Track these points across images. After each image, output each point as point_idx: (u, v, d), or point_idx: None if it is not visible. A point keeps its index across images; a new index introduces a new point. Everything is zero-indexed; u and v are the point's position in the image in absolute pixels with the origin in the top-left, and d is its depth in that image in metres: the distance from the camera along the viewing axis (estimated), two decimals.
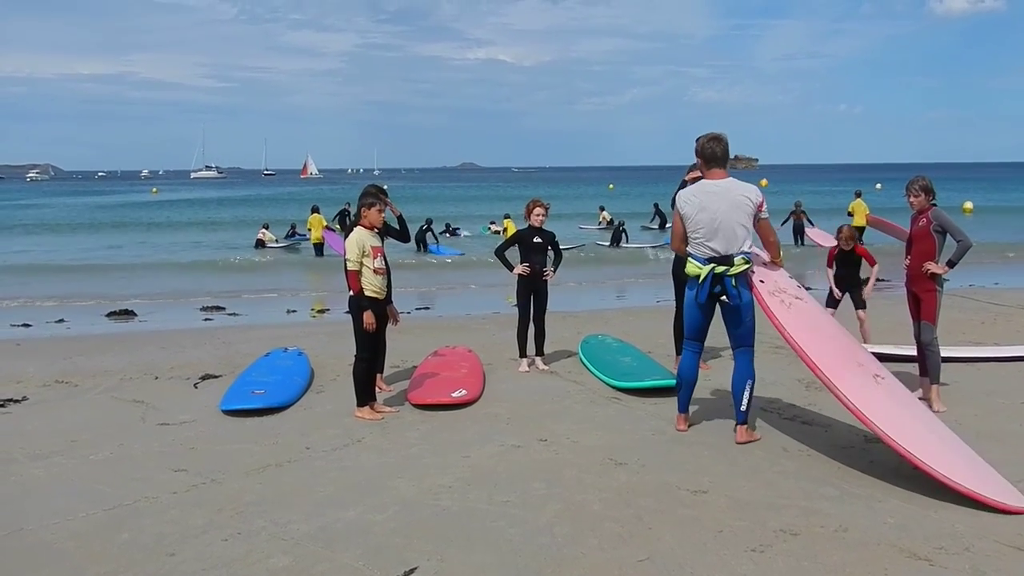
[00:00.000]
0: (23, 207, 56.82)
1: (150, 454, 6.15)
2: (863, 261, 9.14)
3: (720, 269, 5.93)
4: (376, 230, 7.09)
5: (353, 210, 25.96)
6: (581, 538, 4.56)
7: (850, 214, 25.17)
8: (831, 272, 9.20)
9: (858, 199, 24.78)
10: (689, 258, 6.08)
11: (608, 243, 27.11)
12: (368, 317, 6.84)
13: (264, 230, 28.63)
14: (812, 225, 25.80)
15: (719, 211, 5.91)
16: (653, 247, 26.44)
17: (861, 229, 24.57)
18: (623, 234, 27.32)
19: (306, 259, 24.19)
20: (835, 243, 9.30)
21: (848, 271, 9.16)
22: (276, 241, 27.80)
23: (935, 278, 7.11)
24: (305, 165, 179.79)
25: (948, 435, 5.49)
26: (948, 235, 7.12)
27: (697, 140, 6.27)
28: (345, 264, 6.91)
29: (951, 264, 7.09)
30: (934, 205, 7.21)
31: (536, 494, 5.20)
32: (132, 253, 26.68)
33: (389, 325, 7.38)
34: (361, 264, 6.85)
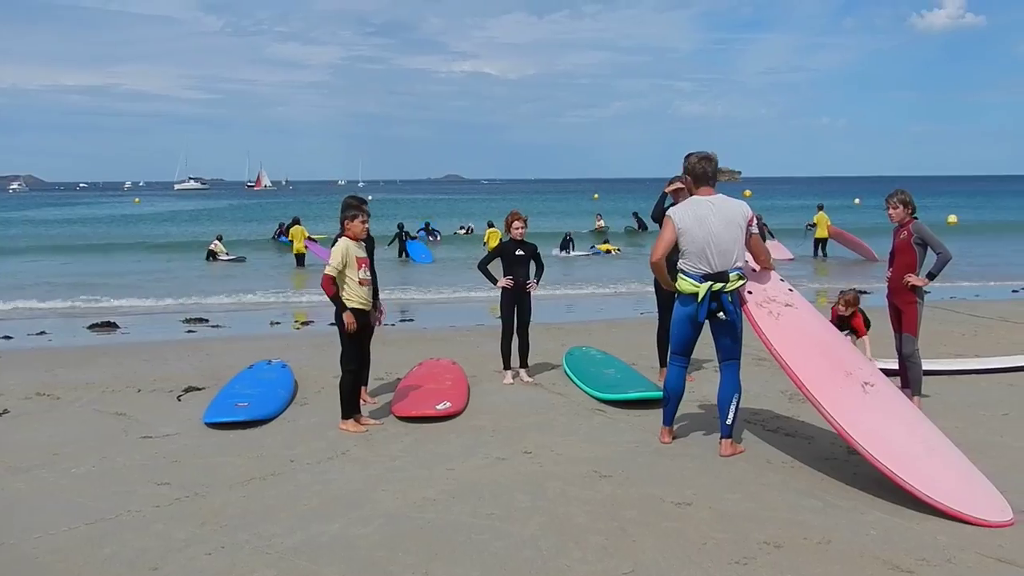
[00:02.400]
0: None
1: (133, 467, 6.11)
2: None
3: (718, 286, 5.95)
4: (360, 241, 7.09)
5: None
6: (565, 551, 4.56)
7: (813, 225, 26.00)
8: None
9: (820, 212, 26.11)
10: (681, 275, 6.09)
11: (559, 250, 28.33)
12: (348, 317, 6.83)
13: (217, 241, 28.52)
14: (772, 237, 26.28)
15: (713, 227, 5.92)
16: (587, 254, 28.06)
17: (824, 240, 25.59)
18: (570, 243, 28.74)
19: (286, 270, 24.19)
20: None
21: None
22: (227, 254, 27.78)
23: (916, 290, 7.19)
24: (259, 177, 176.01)
25: (939, 443, 5.50)
26: (929, 248, 7.21)
27: (687, 158, 6.23)
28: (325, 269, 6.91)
29: (931, 276, 7.18)
30: (915, 219, 7.30)
31: (520, 507, 5.20)
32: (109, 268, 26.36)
33: (374, 333, 7.36)
34: (344, 274, 6.86)
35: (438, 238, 34.00)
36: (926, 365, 7.54)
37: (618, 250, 28.73)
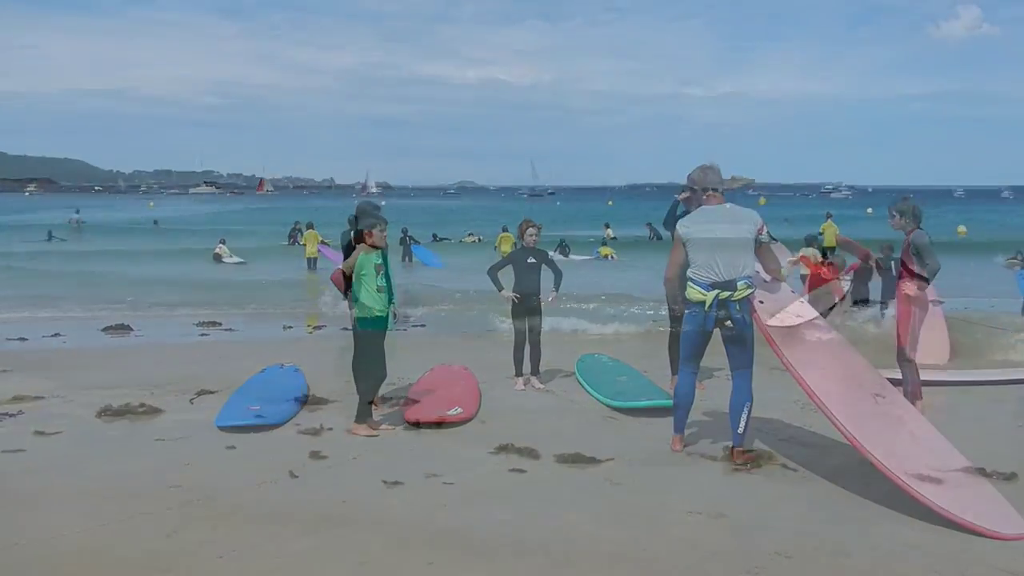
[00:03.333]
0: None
1: (145, 470, 6.13)
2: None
3: (724, 295, 5.94)
4: (379, 250, 7.13)
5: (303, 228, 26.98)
6: (575, 558, 4.56)
7: (820, 234, 26.36)
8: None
9: (829, 220, 27.12)
10: (690, 283, 6.08)
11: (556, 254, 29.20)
12: (354, 311, 6.97)
13: (221, 245, 28.68)
14: (774, 240, 26.72)
15: (720, 236, 5.93)
16: (588, 258, 29.53)
17: (832, 249, 25.97)
18: (567, 248, 30.15)
19: (299, 276, 24.27)
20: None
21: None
22: (231, 256, 27.97)
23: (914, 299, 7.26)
24: (261, 181, 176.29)
25: (952, 455, 5.47)
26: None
27: (689, 176, 6.45)
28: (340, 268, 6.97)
29: (921, 285, 7.24)
30: (919, 228, 7.33)
31: (530, 513, 5.20)
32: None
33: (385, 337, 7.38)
34: (361, 281, 6.90)
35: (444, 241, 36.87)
36: (941, 376, 7.52)
37: (615, 255, 29.93)
